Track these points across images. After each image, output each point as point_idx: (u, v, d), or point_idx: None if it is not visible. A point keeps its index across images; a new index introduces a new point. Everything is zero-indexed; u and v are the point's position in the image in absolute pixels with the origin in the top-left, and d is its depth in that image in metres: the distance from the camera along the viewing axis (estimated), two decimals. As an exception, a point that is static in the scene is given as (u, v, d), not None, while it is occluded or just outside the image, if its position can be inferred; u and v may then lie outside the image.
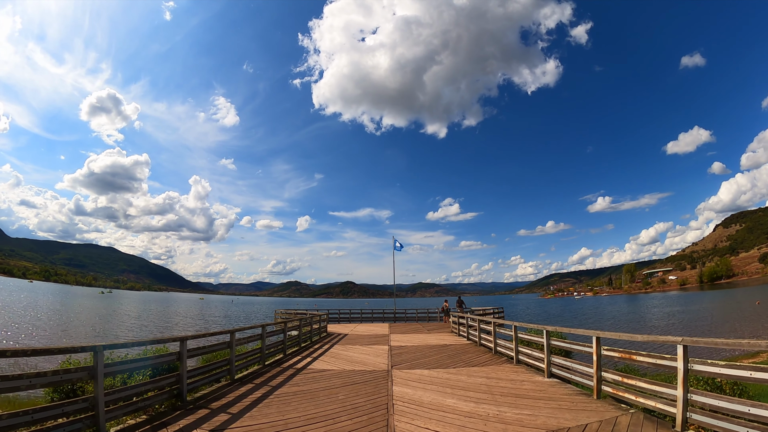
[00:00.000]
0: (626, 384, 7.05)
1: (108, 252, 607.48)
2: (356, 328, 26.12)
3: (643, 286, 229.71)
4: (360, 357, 13.25)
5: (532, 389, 8.42)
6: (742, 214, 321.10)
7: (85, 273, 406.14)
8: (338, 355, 13.78)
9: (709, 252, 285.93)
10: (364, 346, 16.39)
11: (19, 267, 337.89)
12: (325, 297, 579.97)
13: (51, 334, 30.95)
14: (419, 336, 20.27)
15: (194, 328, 42.83)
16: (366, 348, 15.59)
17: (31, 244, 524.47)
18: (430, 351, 14.57)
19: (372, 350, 14.94)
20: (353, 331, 23.32)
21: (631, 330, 36.52)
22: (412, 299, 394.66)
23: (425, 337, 19.89)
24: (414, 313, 33.30)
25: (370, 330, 24.35)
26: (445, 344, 16.58)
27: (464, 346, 15.70)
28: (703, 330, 35.55)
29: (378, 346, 16.06)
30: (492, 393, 8.10)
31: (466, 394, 8.05)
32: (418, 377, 9.76)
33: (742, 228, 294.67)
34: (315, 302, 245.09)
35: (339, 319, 32.69)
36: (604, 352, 7.62)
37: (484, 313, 27.06)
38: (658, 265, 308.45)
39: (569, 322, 54.21)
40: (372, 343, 17.24)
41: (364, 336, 20.63)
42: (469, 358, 12.90)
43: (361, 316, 33.30)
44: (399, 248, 34.62)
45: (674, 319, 49.04)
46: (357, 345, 16.64)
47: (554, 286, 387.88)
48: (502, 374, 10.12)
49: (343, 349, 15.24)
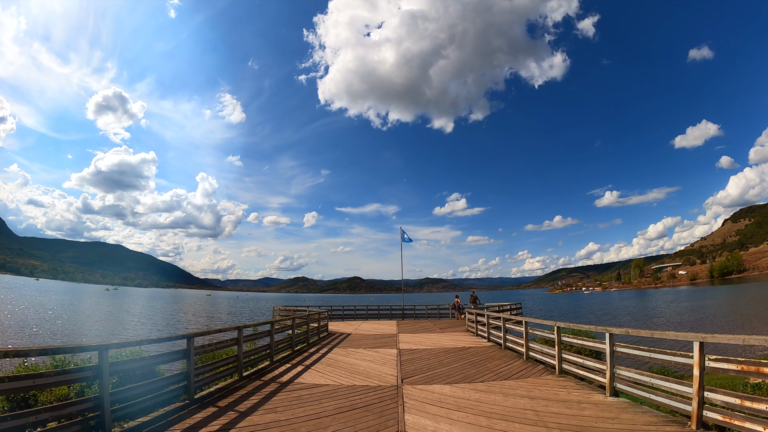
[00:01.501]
0: (751, 410, 4.60)
1: (116, 250, 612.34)
2: (361, 326, 23.78)
3: (653, 281, 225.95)
4: (362, 365, 10.87)
5: (600, 417, 5.98)
6: (751, 208, 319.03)
7: (93, 271, 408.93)
8: (336, 362, 11.41)
9: (718, 247, 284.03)
10: (369, 349, 14.02)
11: (27, 265, 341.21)
12: (333, 293, 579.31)
13: (47, 332, 29.02)
14: (432, 336, 17.86)
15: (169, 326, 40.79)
16: (370, 352, 13.21)
17: (40, 242, 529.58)
18: (447, 356, 12.15)
19: (377, 355, 12.57)
20: (357, 330, 20.99)
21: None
22: (420, 294, 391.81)
23: (439, 337, 17.48)
24: (423, 310, 30.86)
25: (376, 328, 22.01)
26: (464, 347, 14.17)
27: (487, 350, 13.28)
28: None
29: (385, 350, 13.68)
30: (547, 426, 5.67)
31: (511, 429, 5.62)
32: (438, 398, 7.32)
33: (751, 223, 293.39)
34: (322, 298, 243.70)
35: (343, 316, 30.30)
36: (713, 364, 5.16)
37: (500, 309, 24.59)
38: (667, 260, 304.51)
39: (584, 319, 51.59)
40: (378, 346, 14.87)
41: (368, 336, 18.28)
42: (498, 366, 10.45)
43: (367, 313, 30.92)
44: (407, 240, 32.20)
45: (701, 314, 46.19)
46: (360, 348, 14.27)
47: (562, 281, 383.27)
48: (547, 391, 7.67)
49: (344, 354, 12.89)
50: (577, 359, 8.87)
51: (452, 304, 29.33)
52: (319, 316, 17.92)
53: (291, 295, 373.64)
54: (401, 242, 31.88)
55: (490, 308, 26.83)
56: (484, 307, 28.45)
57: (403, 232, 31.98)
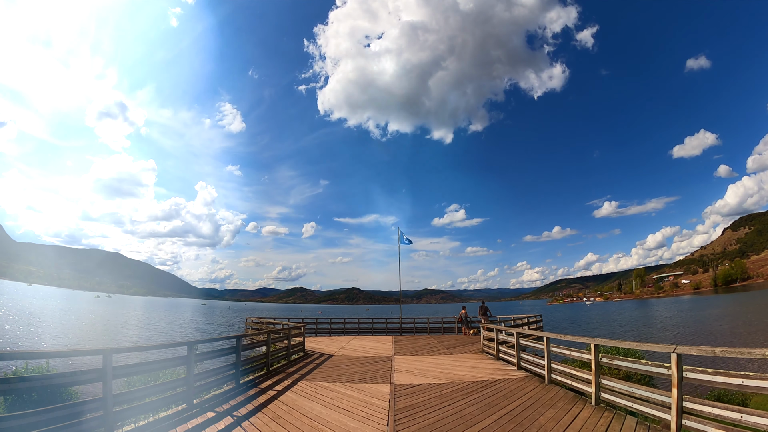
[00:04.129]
0: None
1: (113, 257, 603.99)
2: (350, 343, 19.43)
3: (656, 291, 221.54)
4: (331, 420, 6.63)
5: None
6: (751, 216, 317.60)
7: (89, 278, 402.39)
8: (292, 411, 7.13)
9: (719, 255, 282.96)
10: (350, 383, 9.74)
11: (23, 271, 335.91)
12: (331, 303, 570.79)
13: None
14: (438, 360, 13.56)
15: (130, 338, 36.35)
16: (350, 392, 8.88)
17: (37, 248, 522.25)
18: (467, 399, 7.88)
19: (359, 397, 8.29)
20: (343, 349, 16.68)
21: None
22: (418, 306, 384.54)
23: (448, 361, 13.18)
24: (424, 323, 26.25)
25: (366, 347, 17.70)
26: (487, 379, 9.88)
27: (522, 385, 9.01)
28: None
29: (372, 386, 9.39)
30: None
31: None
32: None
33: (752, 231, 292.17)
34: (319, 308, 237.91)
35: (330, 330, 25.70)
36: None
37: (514, 323, 20.27)
38: (667, 270, 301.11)
39: (595, 332, 47.02)
40: (363, 377, 10.56)
41: (355, 359, 13.96)
42: (555, 423, 6.20)
43: (359, 327, 26.30)
44: (406, 242, 28.05)
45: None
46: (337, 381, 9.95)
47: (562, 292, 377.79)
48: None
49: (311, 392, 8.61)
50: (719, 411, 4.70)
51: (458, 317, 25.01)
52: (289, 333, 13.48)
53: (288, 306, 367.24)
54: (399, 244, 27.76)
55: (505, 322, 22.55)
56: (496, 320, 24.21)
57: (402, 234, 27.87)
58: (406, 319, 26.40)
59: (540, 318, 22.76)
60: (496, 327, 13.80)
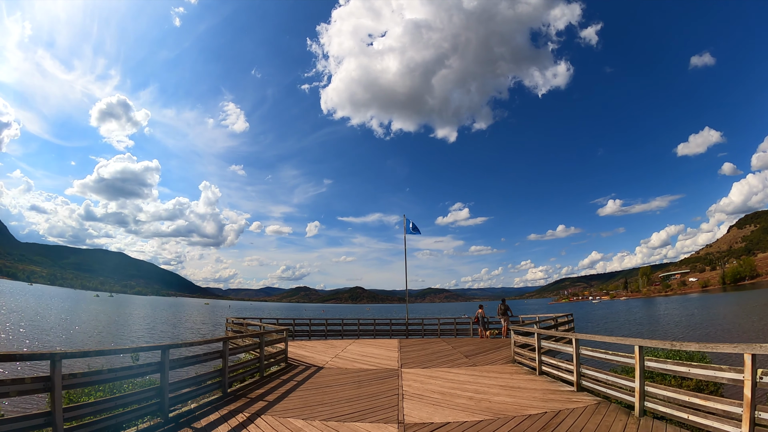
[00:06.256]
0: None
1: (117, 257, 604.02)
2: (347, 349, 16.15)
3: (663, 289, 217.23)
4: None
5: None
6: (756, 214, 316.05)
7: (93, 278, 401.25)
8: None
9: (725, 253, 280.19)
10: (336, 421, 6.49)
11: (26, 271, 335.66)
12: (334, 302, 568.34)
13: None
14: (461, 376, 10.22)
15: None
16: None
17: (41, 248, 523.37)
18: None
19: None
20: (337, 358, 13.43)
21: None
22: (422, 305, 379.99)
23: (474, 378, 9.86)
24: (434, 324, 22.85)
25: (366, 354, 14.43)
26: (544, 412, 6.57)
27: (601, 421, 5.74)
28: None
29: (368, 427, 6.17)
30: None
31: None
32: None
33: (757, 228, 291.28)
34: (322, 308, 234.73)
35: (326, 333, 22.16)
36: None
37: (540, 322, 16.95)
38: (672, 268, 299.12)
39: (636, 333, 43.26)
40: (357, 408, 7.22)
41: (350, 373, 10.69)
42: None
43: (359, 329, 22.76)
44: (412, 231, 24.79)
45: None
46: (317, 418, 6.62)
47: (568, 291, 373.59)
48: None
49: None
50: None
51: (474, 317, 21.71)
52: (262, 339, 10.14)
53: (292, 305, 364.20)
54: (404, 234, 24.49)
55: (530, 322, 19.22)
56: (518, 320, 20.90)
57: (408, 221, 24.60)
58: (413, 320, 23.06)
59: (571, 317, 19.41)
60: (537, 331, 10.50)
